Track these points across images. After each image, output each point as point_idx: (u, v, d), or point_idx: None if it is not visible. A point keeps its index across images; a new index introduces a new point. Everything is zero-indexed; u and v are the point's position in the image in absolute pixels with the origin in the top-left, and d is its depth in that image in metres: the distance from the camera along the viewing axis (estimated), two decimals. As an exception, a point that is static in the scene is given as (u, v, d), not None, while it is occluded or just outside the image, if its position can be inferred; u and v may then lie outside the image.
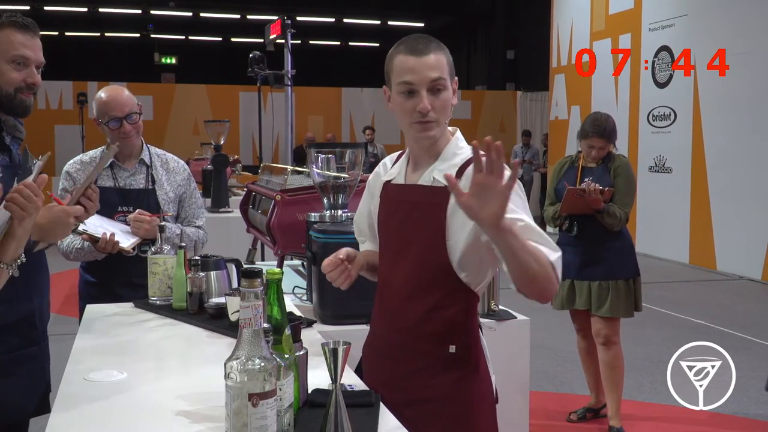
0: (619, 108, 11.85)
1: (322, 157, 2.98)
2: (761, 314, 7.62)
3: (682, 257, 10.59)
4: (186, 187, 3.42)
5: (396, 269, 2.04)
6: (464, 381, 1.99)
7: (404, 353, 2.04)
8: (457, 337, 1.97)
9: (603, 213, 4.14)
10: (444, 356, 1.98)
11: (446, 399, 1.98)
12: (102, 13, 20.63)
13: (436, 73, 1.93)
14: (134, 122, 3.23)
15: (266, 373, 1.43)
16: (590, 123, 4.31)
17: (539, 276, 1.77)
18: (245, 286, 1.44)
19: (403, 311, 2.03)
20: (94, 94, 3.40)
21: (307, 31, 20.40)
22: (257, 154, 9.22)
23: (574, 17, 13.49)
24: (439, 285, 1.96)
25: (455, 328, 1.98)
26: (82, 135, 12.92)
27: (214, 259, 2.79)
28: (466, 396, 1.99)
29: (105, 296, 3.07)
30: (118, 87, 3.32)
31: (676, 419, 4.75)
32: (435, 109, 1.94)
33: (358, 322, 2.62)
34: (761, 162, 9.22)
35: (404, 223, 2.03)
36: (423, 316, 1.99)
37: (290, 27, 7.09)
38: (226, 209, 6.29)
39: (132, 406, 1.84)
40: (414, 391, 2.00)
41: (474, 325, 2.02)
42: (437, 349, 1.98)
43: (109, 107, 3.19)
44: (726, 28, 9.83)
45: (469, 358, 1.99)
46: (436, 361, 1.99)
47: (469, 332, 2.00)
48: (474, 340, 2.01)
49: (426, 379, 2.00)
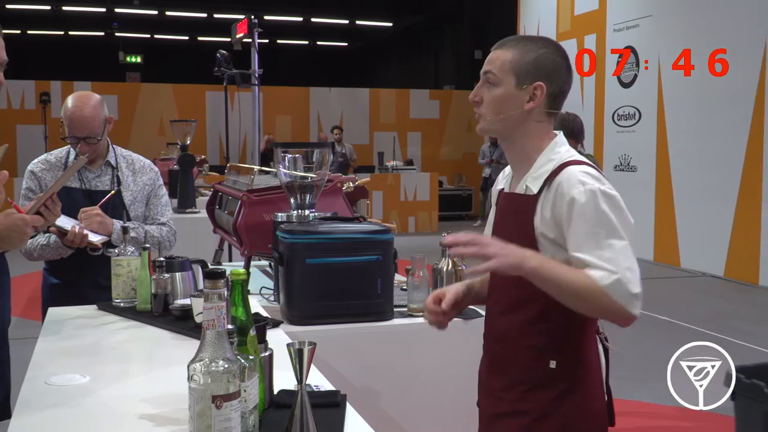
0: (584, 108, 11.96)
1: (289, 156, 2.97)
2: (724, 310, 7.73)
3: (647, 254, 10.71)
4: (152, 186, 3.40)
5: (496, 279, 1.99)
6: (564, 399, 1.88)
7: (504, 365, 1.97)
8: (559, 353, 1.87)
9: None
10: (543, 371, 1.88)
11: (542, 416, 1.88)
12: (66, 11, 20.37)
13: (489, 66, 1.91)
14: (92, 144, 3.17)
15: (230, 374, 1.42)
16: (558, 123, 4.34)
17: (590, 308, 1.77)
18: (208, 287, 1.43)
19: (503, 322, 1.97)
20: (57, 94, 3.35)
21: (275, 30, 20.33)
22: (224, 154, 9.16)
23: (540, 17, 13.59)
24: (538, 297, 1.82)
25: (556, 342, 1.87)
26: (45, 135, 12.77)
27: (179, 260, 2.76)
28: (566, 415, 1.88)
29: (70, 298, 3.03)
30: (87, 99, 3.20)
31: (641, 414, 4.81)
32: (483, 103, 1.91)
33: (325, 322, 2.61)
34: (724, 160, 9.35)
35: (502, 232, 1.94)
36: (522, 328, 1.91)
37: (257, 26, 7.07)
38: (192, 210, 6.24)
39: (95, 409, 1.81)
40: (512, 404, 1.93)
41: (581, 341, 1.90)
42: (536, 363, 1.89)
43: (70, 123, 3.14)
44: (690, 28, 9.95)
45: (571, 375, 1.88)
46: (535, 376, 1.89)
47: (573, 348, 1.89)
48: (580, 356, 1.90)
49: (523, 393, 1.91)
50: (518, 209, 1.91)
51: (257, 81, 7.07)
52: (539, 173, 1.88)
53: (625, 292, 1.72)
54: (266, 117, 15.60)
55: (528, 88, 1.88)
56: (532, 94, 1.88)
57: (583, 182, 1.78)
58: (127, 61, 21.28)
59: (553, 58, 1.90)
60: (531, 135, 1.92)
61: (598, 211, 1.77)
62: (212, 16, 20.63)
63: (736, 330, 6.66)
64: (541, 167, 1.89)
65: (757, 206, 8.86)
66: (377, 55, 25.71)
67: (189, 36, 23.51)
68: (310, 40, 24.64)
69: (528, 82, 1.87)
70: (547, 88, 1.88)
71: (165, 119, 14.28)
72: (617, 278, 1.72)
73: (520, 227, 1.88)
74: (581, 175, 1.80)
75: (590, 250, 1.76)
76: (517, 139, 1.93)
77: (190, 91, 17.21)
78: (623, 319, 1.77)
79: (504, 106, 1.89)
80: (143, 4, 20.14)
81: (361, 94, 18.46)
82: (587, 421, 1.91)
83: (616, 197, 1.81)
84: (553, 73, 1.89)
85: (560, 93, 1.92)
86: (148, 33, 22.81)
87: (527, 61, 1.88)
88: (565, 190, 1.80)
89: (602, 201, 1.78)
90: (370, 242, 2.65)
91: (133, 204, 3.30)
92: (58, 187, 2.45)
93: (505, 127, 1.92)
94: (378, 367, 2.68)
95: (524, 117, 1.89)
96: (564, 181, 1.81)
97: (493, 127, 1.93)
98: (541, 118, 1.92)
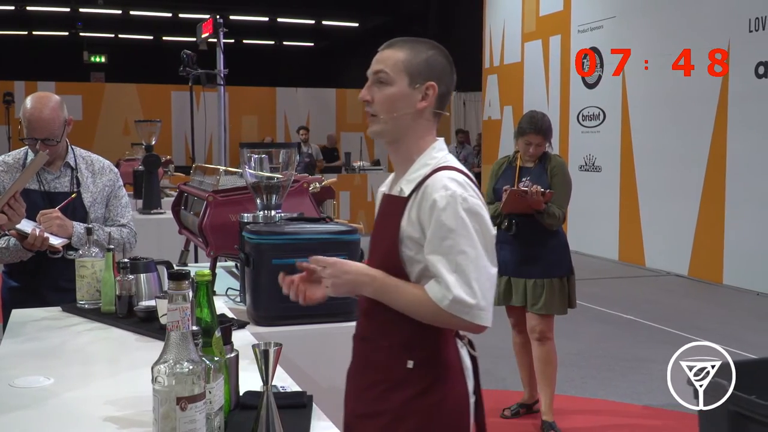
0: (550, 108, 12.04)
1: (255, 157, 2.96)
2: (688, 309, 7.84)
3: (612, 254, 10.82)
4: (112, 187, 3.36)
5: None
6: (421, 399, 1.88)
7: (365, 364, 2.00)
8: (416, 353, 1.88)
9: (543, 214, 4.22)
10: (401, 371, 1.89)
11: (399, 416, 1.89)
12: (29, 11, 20.09)
13: (380, 65, 1.93)
14: (51, 146, 3.12)
15: (195, 376, 1.41)
16: (527, 120, 4.40)
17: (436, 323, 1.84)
18: (172, 288, 1.43)
19: (365, 321, 2.00)
20: (21, 94, 3.29)
21: (241, 30, 20.22)
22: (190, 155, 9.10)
23: (505, 18, 13.67)
24: None
25: (412, 342, 1.89)
26: (9, 135, 12.59)
27: (143, 262, 2.75)
28: (423, 416, 1.88)
29: (31, 301, 2.99)
30: (46, 100, 3.14)
31: (607, 412, 4.86)
32: (375, 102, 1.93)
33: (291, 323, 2.61)
34: (687, 160, 9.47)
35: (375, 233, 2.01)
36: (379, 327, 1.94)
37: (222, 26, 7.04)
38: (158, 210, 6.19)
39: (59, 412, 1.80)
40: (370, 404, 1.94)
41: (438, 343, 1.90)
42: (394, 362, 1.90)
43: (29, 124, 3.09)
44: (654, 29, 10.07)
45: (429, 375, 1.89)
46: (394, 375, 1.90)
47: (430, 348, 1.89)
48: (438, 357, 1.90)
49: (381, 392, 1.92)
50: (391, 211, 1.95)
51: (223, 81, 7.04)
52: (413, 177, 1.92)
53: (463, 308, 1.78)
54: (232, 117, 15.52)
55: (420, 87, 1.92)
56: (424, 94, 1.92)
57: (447, 187, 1.82)
58: (92, 60, 21.03)
59: (441, 59, 1.96)
60: (418, 135, 1.96)
61: (456, 217, 1.80)
62: (177, 15, 20.45)
63: (700, 329, 6.75)
64: (417, 171, 1.93)
65: (720, 205, 8.98)
66: (343, 56, 25.66)
67: (154, 36, 23.28)
68: (276, 40, 24.55)
69: (420, 81, 1.91)
70: (438, 88, 1.93)
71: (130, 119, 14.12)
72: (453, 297, 1.77)
73: (389, 229, 1.92)
74: (447, 180, 1.84)
75: (442, 255, 1.80)
76: (404, 140, 1.96)
77: (155, 91, 17.08)
78: (472, 330, 1.84)
79: (397, 105, 1.92)
80: (107, 4, 19.90)
81: (327, 94, 18.44)
82: (445, 423, 1.91)
83: (477, 205, 1.84)
84: (442, 74, 1.95)
85: (447, 93, 1.98)
86: (113, 33, 22.55)
87: (419, 62, 1.92)
88: (429, 193, 1.84)
89: (461, 208, 1.81)
90: (337, 243, 2.65)
91: (93, 205, 3.26)
92: (20, 186, 2.43)
93: (397, 127, 1.94)
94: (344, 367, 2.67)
95: (416, 116, 1.93)
96: (431, 184, 1.85)
97: (386, 128, 1.95)
98: (430, 117, 1.96)
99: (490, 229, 1.86)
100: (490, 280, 1.83)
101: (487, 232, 1.84)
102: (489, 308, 1.81)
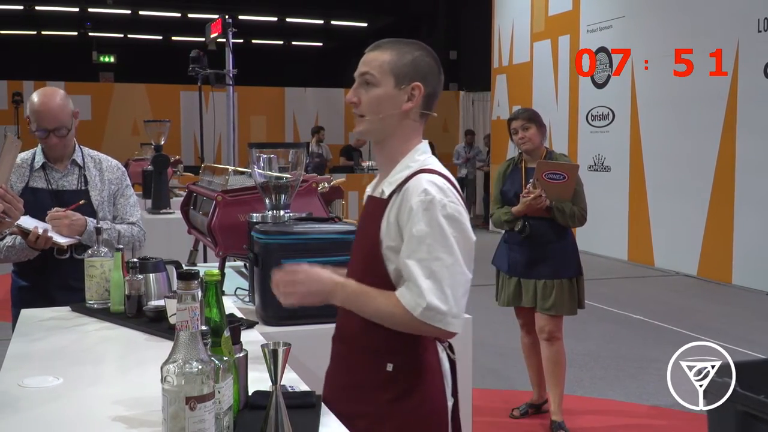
0: (559, 108, 12.03)
1: (263, 157, 2.96)
2: (697, 309, 7.81)
3: (621, 254, 10.79)
4: (119, 184, 3.37)
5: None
6: (400, 402, 1.88)
7: (344, 365, 2.01)
8: (396, 356, 1.89)
9: (553, 209, 4.23)
10: (381, 373, 1.89)
11: (379, 418, 1.89)
12: (38, 10, 20.14)
13: (366, 67, 1.94)
14: (62, 136, 3.14)
15: (204, 375, 1.41)
16: (514, 111, 4.53)
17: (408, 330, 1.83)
18: (182, 288, 1.43)
19: (345, 322, 2.00)
20: (30, 94, 3.30)
21: (249, 30, 20.23)
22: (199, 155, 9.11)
23: (514, 18, 13.64)
24: None
25: (392, 346, 1.88)
26: (18, 135, 12.61)
27: (152, 261, 2.75)
28: (402, 419, 1.88)
29: (40, 300, 2.99)
30: (52, 92, 3.18)
31: (615, 412, 4.85)
32: (362, 103, 1.93)
33: (300, 323, 2.61)
34: (696, 160, 9.44)
35: (357, 234, 2.03)
36: (358, 330, 1.93)
37: (231, 26, 7.04)
38: (167, 210, 6.21)
39: (68, 412, 1.80)
40: (349, 404, 1.93)
41: (418, 347, 1.90)
42: (374, 365, 1.91)
43: (38, 116, 3.11)
44: (663, 29, 10.04)
45: (409, 379, 1.89)
46: (374, 378, 1.90)
47: (410, 352, 1.89)
48: (417, 361, 1.90)
49: (361, 394, 1.92)
50: (372, 212, 1.95)
51: (232, 81, 7.05)
52: (395, 178, 1.92)
53: (436, 315, 1.78)
54: (241, 117, 15.53)
55: (406, 88, 1.92)
56: (410, 95, 1.92)
57: (426, 191, 1.82)
58: (101, 60, 21.08)
59: (428, 60, 1.96)
60: (404, 137, 1.96)
61: (434, 221, 1.80)
62: (186, 15, 20.48)
63: (709, 329, 6.73)
64: (399, 172, 1.93)
65: (729, 206, 8.95)
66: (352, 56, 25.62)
67: (163, 36, 23.32)
68: (285, 40, 24.56)
69: (406, 82, 1.92)
70: (424, 89, 1.93)
71: (139, 119, 14.16)
72: (427, 304, 1.76)
73: (369, 230, 1.92)
74: (427, 184, 1.83)
75: (417, 261, 1.79)
76: (389, 141, 1.96)
77: (164, 91, 17.10)
78: (442, 336, 1.86)
79: (383, 106, 1.92)
80: (117, 4, 19.97)
81: (336, 94, 18.43)
82: (424, 426, 1.91)
83: (456, 211, 1.83)
84: (429, 75, 1.95)
85: (434, 94, 1.98)
86: (122, 33, 22.60)
87: (405, 63, 1.93)
88: (408, 196, 1.83)
89: (440, 212, 1.80)
90: (345, 243, 2.64)
91: (101, 204, 3.26)
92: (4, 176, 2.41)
93: (384, 128, 1.94)
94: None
95: (402, 117, 1.93)
96: (411, 187, 1.85)
97: (373, 128, 1.95)
98: (416, 118, 1.96)
99: (470, 235, 1.86)
100: (464, 286, 1.83)
101: (467, 238, 1.84)
102: (461, 315, 1.82)
